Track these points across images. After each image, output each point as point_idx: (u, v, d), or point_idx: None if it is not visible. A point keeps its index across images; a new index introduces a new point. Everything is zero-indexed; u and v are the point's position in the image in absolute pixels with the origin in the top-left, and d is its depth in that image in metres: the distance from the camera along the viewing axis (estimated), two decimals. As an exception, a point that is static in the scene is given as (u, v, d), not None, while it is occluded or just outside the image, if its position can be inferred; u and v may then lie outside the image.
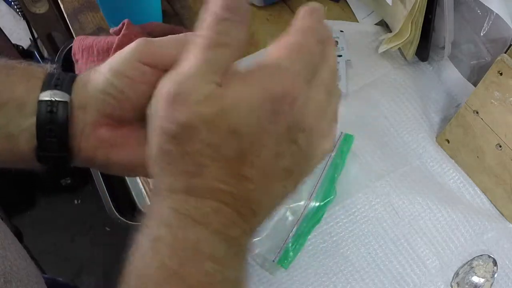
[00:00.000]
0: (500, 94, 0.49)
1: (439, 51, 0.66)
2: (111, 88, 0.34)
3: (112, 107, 0.35)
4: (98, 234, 1.45)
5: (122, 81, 0.34)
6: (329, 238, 0.55)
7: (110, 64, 0.35)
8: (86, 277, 1.40)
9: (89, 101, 0.35)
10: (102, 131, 0.36)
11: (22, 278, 0.41)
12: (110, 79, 0.34)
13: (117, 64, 0.35)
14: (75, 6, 0.76)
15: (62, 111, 0.34)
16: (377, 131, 0.62)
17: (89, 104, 0.35)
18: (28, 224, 1.45)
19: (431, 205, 0.57)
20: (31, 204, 1.52)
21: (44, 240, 1.43)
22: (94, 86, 0.35)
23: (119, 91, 0.34)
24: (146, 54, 0.35)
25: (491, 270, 0.53)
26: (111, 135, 0.36)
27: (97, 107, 0.35)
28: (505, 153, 0.52)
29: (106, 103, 0.35)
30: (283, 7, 0.75)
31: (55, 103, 0.34)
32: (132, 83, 0.34)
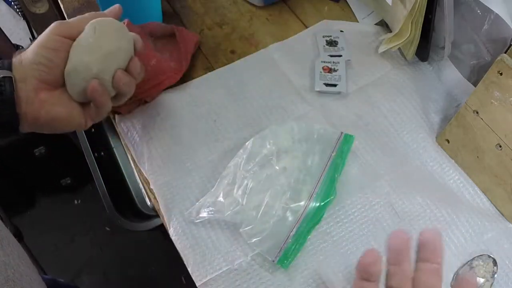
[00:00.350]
0: (500, 94, 0.49)
1: (439, 51, 0.66)
2: (41, 58, 0.46)
3: (46, 73, 0.47)
4: (98, 234, 1.45)
5: (48, 52, 0.47)
6: (329, 238, 0.55)
7: (36, 43, 0.47)
8: (86, 277, 1.40)
9: (27, 73, 0.46)
10: (42, 94, 0.47)
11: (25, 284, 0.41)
12: (39, 52, 0.46)
13: (41, 40, 0.47)
14: (75, 6, 0.76)
15: (9, 84, 0.44)
16: (377, 131, 0.62)
17: (28, 76, 0.46)
18: (28, 224, 1.45)
19: (431, 205, 0.57)
20: (31, 204, 1.52)
21: (44, 240, 1.44)
22: (28, 61, 0.46)
23: (48, 59, 0.47)
24: (61, 29, 0.48)
25: (491, 270, 0.53)
26: (50, 96, 0.48)
27: (35, 76, 0.46)
28: (505, 153, 0.52)
29: (40, 71, 0.46)
30: (283, 7, 0.75)
31: (2, 79, 0.44)
32: (56, 52, 0.47)
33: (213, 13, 0.75)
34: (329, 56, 0.68)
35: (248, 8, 0.75)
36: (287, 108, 0.64)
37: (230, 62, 0.69)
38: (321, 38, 0.70)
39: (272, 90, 0.66)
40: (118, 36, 0.51)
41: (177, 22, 0.74)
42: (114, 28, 0.51)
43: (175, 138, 0.62)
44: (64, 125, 0.50)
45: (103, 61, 0.49)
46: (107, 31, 0.50)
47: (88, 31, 0.50)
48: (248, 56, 0.69)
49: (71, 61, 0.49)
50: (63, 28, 0.48)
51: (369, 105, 0.65)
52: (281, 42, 0.71)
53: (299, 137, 0.59)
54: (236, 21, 0.74)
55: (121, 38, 0.51)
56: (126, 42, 0.52)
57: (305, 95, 0.65)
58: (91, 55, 0.49)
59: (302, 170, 0.57)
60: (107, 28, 0.50)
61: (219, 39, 0.72)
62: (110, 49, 0.50)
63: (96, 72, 0.49)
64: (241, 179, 0.56)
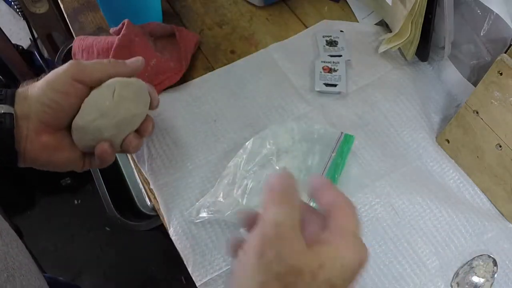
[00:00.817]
0: (500, 94, 0.49)
1: (439, 51, 0.66)
2: (48, 100, 0.43)
3: (50, 116, 0.44)
4: (98, 234, 1.45)
5: (57, 95, 0.43)
6: (329, 238, 0.55)
7: (46, 81, 0.44)
8: (86, 277, 1.40)
9: (31, 111, 0.43)
10: (44, 138, 0.44)
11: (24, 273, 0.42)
12: (48, 93, 0.43)
13: (53, 81, 0.44)
14: (75, 6, 0.76)
15: (9, 121, 0.42)
16: (377, 131, 0.62)
17: (32, 113, 0.43)
18: (28, 224, 1.45)
19: (431, 205, 0.57)
20: (31, 204, 1.52)
21: (44, 240, 1.44)
22: (34, 99, 0.43)
23: (55, 102, 0.43)
24: (76, 73, 0.44)
25: (491, 270, 0.53)
26: (51, 140, 0.45)
27: (38, 117, 0.44)
28: (505, 153, 0.52)
29: (45, 113, 0.43)
30: (283, 7, 0.75)
31: (2, 115, 0.42)
32: (66, 96, 0.44)
33: (213, 13, 0.75)
34: (329, 56, 0.68)
35: (248, 8, 0.75)
36: (287, 108, 0.64)
37: (230, 62, 0.69)
38: (321, 38, 0.70)
39: (272, 90, 0.66)
40: (137, 101, 0.49)
41: (177, 22, 0.74)
42: (134, 92, 0.48)
43: (175, 138, 0.62)
44: (62, 167, 0.48)
45: (117, 126, 0.47)
46: (126, 97, 0.47)
47: (107, 92, 0.46)
48: (248, 56, 0.69)
49: (83, 118, 0.46)
50: (78, 72, 0.45)
51: (369, 105, 0.65)
52: (281, 42, 0.71)
53: (299, 137, 0.59)
54: (236, 21, 0.74)
55: (139, 103, 0.49)
56: (143, 106, 0.50)
57: (305, 95, 0.65)
58: (105, 119, 0.46)
59: (302, 170, 0.57)
60: (127, 94, 0.47)
61: (219, 39, 0.72)
62: (126, 116, 0.47)
63: (107, 136, 0.47)
64: (241, 179, 0.56)
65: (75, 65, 0.45)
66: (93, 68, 0.46)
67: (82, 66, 0.45)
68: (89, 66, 0.46)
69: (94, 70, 0.45)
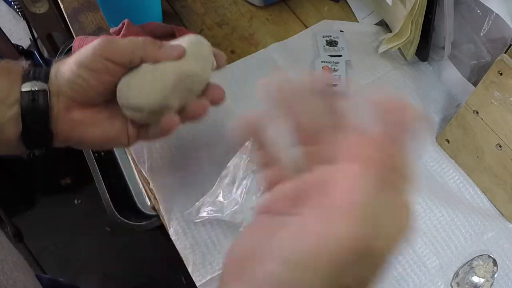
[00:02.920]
0: (500, 94, 0.49)
1: (439, 51, 0.66)
2: (78, 78, 0.41)
3: (80, 93, 0.42)
4: (98, 234, 1.45)
5: (87, 73, 0.41)
6: (329, 238, 0.55)
7: (76, 58, 0.42)
8: (86, 277, 1.40)
9: (60, 89, 0.41)
10: (74, 114, 0.43)
11: None
12: (77, 71, 0.41)
13: (83, 58, 0.41)
14: (75, 6, 0.76)
15: (43, 99, 0.40)
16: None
17: (61, 92, 0.42)
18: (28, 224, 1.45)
19: (431, 205, 0.57)
20: (31, 204, 1.52)
21: (44, 240, 1.44)
22: (64, 77, 0.42)
23: (85, 80, 0.41)
24: (106, 51, 0.42)
25: (491, 270, 0.53)
26: (82, 117, 0.43)
27: (67, 94, 0.42)
28: (505, 153, 0.52)
29: (74, 91, 0.42)
30: (283, 7, 0.75)
31: (36, 92, 0.40)
32: (95, 74, 0.41)
33: (213, 13, 0.75)
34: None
35: (248, 8, 0.75)
36: (287, 108, 0.64)
37: (230, 62, 0.69)
38: (321, 38, 0.70)
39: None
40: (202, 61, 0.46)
41: (177, 22, 0.74)
42: (208, 52, 0.46)
43: (175, 138, 0.62)
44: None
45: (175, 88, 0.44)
46: (191, 54, 0.44)
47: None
48: (248, 56, 0.69)
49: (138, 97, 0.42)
50: (109, 52, 0.42)
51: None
52: (281, 42, 0.71)
53: (299, 137, 0.59)
54: (236, 21, 0.74)
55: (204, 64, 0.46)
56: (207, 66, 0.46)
57: (305, 95, 0.65)
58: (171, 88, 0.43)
59: (302, 170, 0.57)
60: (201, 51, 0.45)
61: (219, 39, 0.72)
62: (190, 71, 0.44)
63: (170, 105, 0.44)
64: (240, 179, 0.56)
65: (107, 44, 0.42)
66: (125, 49, 0.42)
67: (113, 45, 0.42)
68: (121, 46, 0.42)
69: (125, 52, 0.42)
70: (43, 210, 1.52)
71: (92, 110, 0.44)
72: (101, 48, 0.41)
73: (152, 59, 0.43)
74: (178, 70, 0.43)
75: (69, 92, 0.42)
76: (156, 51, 0.43)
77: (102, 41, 0.42)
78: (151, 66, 0.43)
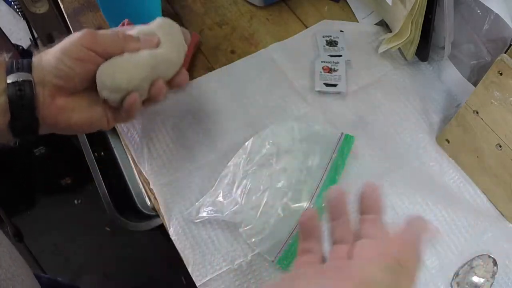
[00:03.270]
0: (500, 94, 0.49)
1: (439, 51, 0.66)
2: (62, 65, 0.44)
3: (64, 81, 0.45)
4: (98, 234, 1.45)
5: (71, 60, 0.44)
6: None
7: (60, 46, 0.45)
8: (86, 277, 1.40)
9: (45, 77, 0.44)
10: (60, 100, 0.45)
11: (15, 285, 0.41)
12: (61, 58, 0.44)
13: (67, 47, 0.45)
14: (75, 6, 0.76)
15: (29, 88, 0.43)
16: (377, 131, 0.62)
17: (46, 79, 0.44)
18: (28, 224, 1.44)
19: (431, 205, 0.57)
20: (31, 204, 1.52)
21: (44, 240, 1.44)
22: (48, 65, 0.44)
23: (69, 67, 0.44)
24: (89, 41, 0.45)
25: (491, 270, 0.53)
26: (67, 102, 0.46)
27: (52, 82, 0.44)
28: (505, 153, 0.52)
29: (59, 78, 0.44)
30: (283, 7, 0.75)
31: (22, 82, 0.43)
32: (79, 62, 0.45)
33: (213, 13, 0.75)
34: (329, 56, 0.68)
35: (248, 8, 0.75)
36: (287, 108, 0.64)
37: (230, 62, 0.69)
38: (321, 38, 0.70)
39: (272, 90, 0.66)
40: (174, 47, 0.49)
41: (177, 22, 0.74)
42: (172, 37, 0.49)
43: (175, 138, 0.62)
44: (86, 129, 0.49)
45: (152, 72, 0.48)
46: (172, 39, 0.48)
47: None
48: (248, 56, 0.69)
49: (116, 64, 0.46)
50: (92, 43, 0.45)
51: (369, 105, 0.64)
52: (281, 42, 0.71)
53: (299, 137, 0.59)
54: (236, 21, 0.74)
55: (175, 48, 0.49)
56: (179, 52, 0.50)
57: (305, 95, 0.65)
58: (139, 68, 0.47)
59: (303, 171, 0.57)
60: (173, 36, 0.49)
61: (219, 39, 0.72)
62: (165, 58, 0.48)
63: (136, 86, 0.47)
64: (240, 179, 0.56)
65: (89, 36, 0.45)
66: (106, 41, 0.46)
67: (95, 37, 0.46)
68: (103, 39, 0.46)
69: (107, 45, 0.46)
70: (43, 210, 1.52)
71: (75, 97, 0.47)
72: (85, 38, 0.45)
73: (132, 50, 0.47)
74: (155, 57, 0.47)
75: (54, 80, 0.44)
76: (136, 43, 0.47)
77: (85, 32, 0.45)
78: (130, 54, 0.47)
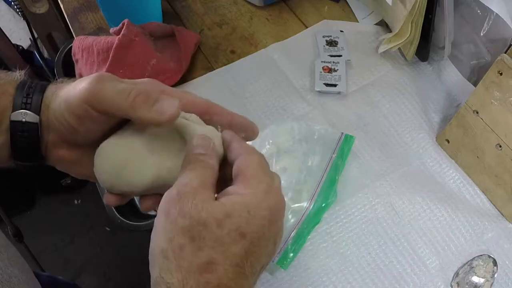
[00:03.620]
0: (500, 94, 0.49)
1: (439, 51, 0.66)
2: (63, 120, 0.38)
3: (65, 134, 0.39)
4: (98, 234, 1.45)
5: (72, 117, 0.38)
6: (329, 238, 0.55)
7: (66, 96, 0.38)
8: (86, 277, 1.40)
9: (50, 123, 0.39)
10: (61, 151, 0.41)
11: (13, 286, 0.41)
12: (63, 112, 0.38)
13: (70, 99, 0.38)
14: (75, 6, 0.76)
15: (33, 132, 0.38)
16: (377, 131, 0.62)
17: (51, 126, 0.39)
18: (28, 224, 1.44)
19: (431, 205, 0.57)
20: (31, 204, 1.52)
21: (44, 240, 1.43)
22: (53, 112, 0.39)
23: (69, 124, 0.38)
24: (94, 100, 0.37)
25: (491, 270, 0.53)
26: (68, 155, 0.41)
27: (55, 131, 0.40)
28: (505, 153, 0.52)
29: (60, 131, 0.39)
30: (283, 7, 0.75)
31: (26, 124, 0.38)
32: (79, 120, 0.38)
33: (213, 13, 0.75)
34: (329, 56, 0.68)
35: (248, 8, 0.75)
36: (287, 108, 0.64)
37: (230, 62, 0.69)
38: (321, 38, 0.70)
39: (272, 90, 0.66)
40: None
41: (177, 22, 0.74)
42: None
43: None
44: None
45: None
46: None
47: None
48: (248, 56, 0.69)
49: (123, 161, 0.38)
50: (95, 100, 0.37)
51: (369, 105, 0.64)
52: (281, 42, 0.71)
53: (299, 137, 0.59)
54: (236, 21, 0.74)
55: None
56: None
57: (305, 95, 0.65)
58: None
59: (303, 171, 0.57)
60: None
61: (219, 39, 0.72)
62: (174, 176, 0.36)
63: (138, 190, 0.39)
64: (241, 179, 0.56)
65: (93, 91, 0.36)
66: (111, 100, 0.37)
67: (100, 94, 0.37)
68: (108, 97, 0.37)
69: (111, 106, 0.37)
70: (43, 210, 1.52)
71: (78, 151, 0.42)
72: (88, 94, 0.37)
73: (138, 121, 0.38)
74: (161, 167, 0.38)
75: (57, 130, 0.39)
76: (147, 110, 0.37)
77: (91, 85, 0.37)
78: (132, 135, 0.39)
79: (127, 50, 0.63)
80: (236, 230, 0.30)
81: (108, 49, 0.63)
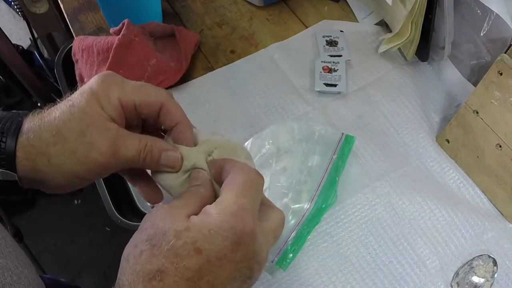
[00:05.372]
0: (500, 94, 0.49)
1: (439, 51, 0.66)
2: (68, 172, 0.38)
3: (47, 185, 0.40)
4: (98, 234, 1.45)
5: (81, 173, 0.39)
6: (329, 238, 0.55)
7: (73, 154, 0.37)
8: (86, 277, 1.40)
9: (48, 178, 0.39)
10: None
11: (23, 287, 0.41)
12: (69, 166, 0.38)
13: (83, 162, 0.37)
14: (75, 6, 0.76)
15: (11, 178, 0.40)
16: (377, 131, 0.62)
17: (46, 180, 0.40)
18: (28, 224, 1.45)
19: (431, 205, 0.57)
20: (31, 204, 1.52)
21: (44, 240, 1.43)
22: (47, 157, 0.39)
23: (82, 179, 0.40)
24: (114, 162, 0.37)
25: (491, 270, 0.53)
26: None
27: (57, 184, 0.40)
28: (505, 153, 0.52)
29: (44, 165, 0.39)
30: (283, 7, 0.75)
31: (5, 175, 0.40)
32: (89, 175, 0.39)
33: (213, 13, 0.75)
34: (329, 56, 0.68)
35: (248, 8, 0.75)
36: (287, 108, 0.64)
37: (230, 62, 0.69)
38: (321, 38, 0.70)
39: (272, 90, 0.66)
40: None
41: (177, 22, 0.74)
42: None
43: (175, 138, 0.62)
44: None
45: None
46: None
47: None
48: (248, 56, 0.69)
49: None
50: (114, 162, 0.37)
51: (369, 105, 0.64)
52: (281, 42, 0.71)
53: (299, 137, 0.59)
54: (236, 21, 0.74)
55: None
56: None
57: (305, 95, 0.65)
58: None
59: (303, 171, 0.57)
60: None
61: (219, 39, 0.72)
62: None
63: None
64: (241, 179, 0.56)
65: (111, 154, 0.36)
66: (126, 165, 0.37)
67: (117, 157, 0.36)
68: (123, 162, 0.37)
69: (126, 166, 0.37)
70: (43, 210, 1.51)
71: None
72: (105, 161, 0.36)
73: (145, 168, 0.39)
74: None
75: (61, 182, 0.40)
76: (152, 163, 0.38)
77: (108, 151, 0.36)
78: None
79: (127, 50, 0.63)
80: (192, 244, 0.30)
81: (108, 49, 0.63)
